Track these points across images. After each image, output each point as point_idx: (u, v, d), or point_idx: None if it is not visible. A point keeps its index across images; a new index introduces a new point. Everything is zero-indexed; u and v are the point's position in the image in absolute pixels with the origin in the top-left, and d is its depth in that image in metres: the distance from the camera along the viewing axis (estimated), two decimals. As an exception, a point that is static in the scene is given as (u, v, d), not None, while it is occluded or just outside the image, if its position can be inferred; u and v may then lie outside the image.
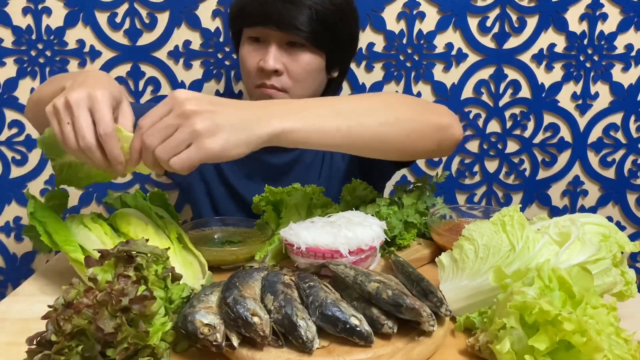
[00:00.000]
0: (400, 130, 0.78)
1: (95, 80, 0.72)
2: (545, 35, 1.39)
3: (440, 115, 0.85)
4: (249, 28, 1.03)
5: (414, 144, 0.81)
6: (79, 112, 0.68)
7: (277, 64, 1.00)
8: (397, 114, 0.79)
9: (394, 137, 0.78)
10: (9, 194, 1.42)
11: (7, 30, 1.32)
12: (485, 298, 0.64)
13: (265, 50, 1.01)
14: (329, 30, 1.01)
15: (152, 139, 0.66)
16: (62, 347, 0.53)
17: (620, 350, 0.52)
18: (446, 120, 0.84)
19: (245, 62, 1.04)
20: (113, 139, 0.68)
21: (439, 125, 0.83)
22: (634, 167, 1.49)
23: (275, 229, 0.91)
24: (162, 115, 0.66)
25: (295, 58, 1.02)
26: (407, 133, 0.79)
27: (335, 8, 1.01)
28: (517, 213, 0.69)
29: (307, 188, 0.92)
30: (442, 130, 0.84)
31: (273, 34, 1.00)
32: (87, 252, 0.75)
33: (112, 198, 0.92)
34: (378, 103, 0.80)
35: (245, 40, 1.05)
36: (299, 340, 0.56)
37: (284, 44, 1.01)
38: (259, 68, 1.01)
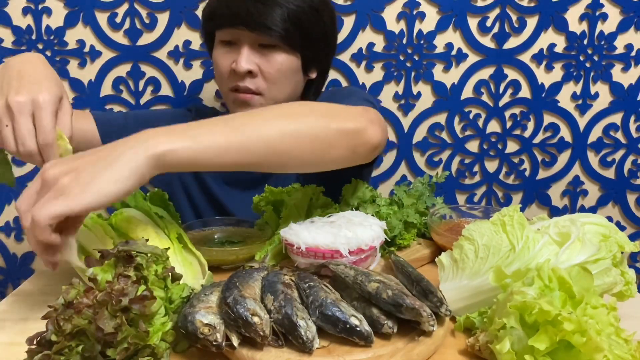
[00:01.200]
0: (304, 140, 0.72)
1: (35, 76, 0.69)
2: (545, 35, 1.39)
3: (351, 121, 0.77)
4: (220, 31, 1.01)
5: (322, 153, 0.74)
6: (20, 118, 0.66)
7: (250, 65, 0.98)
8: (298, 124, 0.73)
9: (299, 148, 0.72)
10: (9, 194, 1.42)
11: (7, 30, 1.32)
12: (485, 298, 0.64)
13: (237, 52, 0.99)
14: (302, 29, 0.98)
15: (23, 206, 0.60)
16: (62, 347, 0.53)
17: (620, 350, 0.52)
18: (358, 124, 0.77)
19: (218, 65, 1.02)
20: (53, 149, 0.67)
21: (349, 131, 0.76)
22: (633, 167, 1.49)
23: (275, 229, 0.91)
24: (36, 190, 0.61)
25: (269, 59, 0.99)
26: (312, 143, 0.73)
27: (308, 6, 0.99)
28: (517, 213, 0.69)
29: (307, 188, 0.92)
30: (353, 136, 0.77)
31: (244, 35, 0.97)
32: (87, 252, 0.75)
33: (112, 198, 0.92)
34: (277, 115, 0.74)
35: (218, 44, 1.03)
36: (299, 340, 0.56)
37: (256, 45, 0.99)
38: (232, 70, 0.99)
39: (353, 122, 0.78)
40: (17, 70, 0.69)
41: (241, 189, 1.12)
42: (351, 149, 0.77)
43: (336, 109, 0.80)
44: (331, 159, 0.77)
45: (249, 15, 0.94)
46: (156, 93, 1.38)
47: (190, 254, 0.79)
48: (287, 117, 0.74)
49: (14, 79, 0.69)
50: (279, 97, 1.03)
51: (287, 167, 0.75)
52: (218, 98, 1.39)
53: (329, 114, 0.77)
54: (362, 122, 0.78)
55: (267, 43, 0.98)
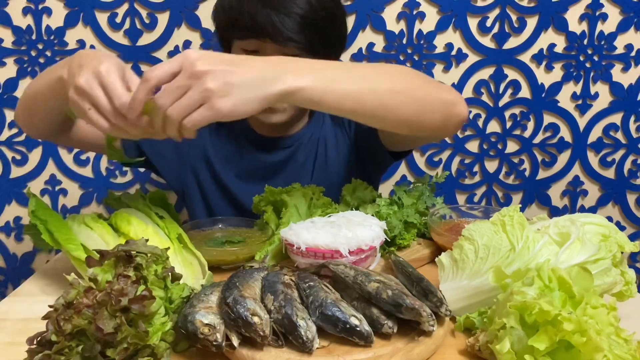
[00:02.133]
0: (410, 100, 0.78)
1: (92, 57, 0.70)
2: (545, 35, 1.39)
3: (447, 92, 0.84)
4: (242, 40, 0.99)
5: (421, 116, 0.80)
6: (95, 92, 0.66)
7: None
8: (407, 84, 0.79)
9: (403, 107, 0.77)
10: (9, 194, 1.42)
11: (7, 30, 1.32)
12: (485, 298, 0.64)
13: None
14: (322, 37, 0.98)
15: (163, 100, 0.64)
16: (62, 347, 0.53)
17: (620, 350, 0.52)
18: (454, 97, 0.84)
19: None
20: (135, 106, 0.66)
21: (446, 101, 0.82)
22: (633, 167, 1.49)
23: (275, 229, 0.91)
24: (171, 72, 0.65)
25: None
26: (416, 104, 0.78)
27: (326, 12, 0.98)
28: (517, 213, 0.69)
29: (307, 188, 0.92)
30: (449, 106, 0.83)
31: (268, 46, 0.96)
32: (88, 251, 0.75)
33: (112, 198, 0.92)
34: (389, 72, 0.80)
35: (238, 51, 1.01)
36: (299, 340, 0.56)
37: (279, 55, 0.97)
38: None
39: (450, 93, 0.84)
40: (78, 63, 0.70)
41: (256, 183, 1.12)
42: (445, 118, 0.83)
43: (435, 81, 0.87)
44: (427, 123, 0.81)
45: (275, 29, 0.93)
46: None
47: (190, 254, 0.79)
48: (399, 76, 0.80)
49: (76, 69, 0.70)
50: None
51: (387, 122, 0.80)
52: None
53: (431, 82, 0.84)
54: (456, 95, 0.85)
55: (291, 54, 0.97)
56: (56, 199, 1.43)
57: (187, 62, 0.64)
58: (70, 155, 1.41)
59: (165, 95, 0.64)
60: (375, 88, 0.75)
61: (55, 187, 1.42)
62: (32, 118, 0.91)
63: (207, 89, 0.63)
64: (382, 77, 0.77)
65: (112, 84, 0.66)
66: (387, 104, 0.76)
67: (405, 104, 0.77)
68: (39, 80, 0.85)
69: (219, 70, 0.64)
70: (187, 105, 0.64)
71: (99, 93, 0.66)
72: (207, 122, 0.65)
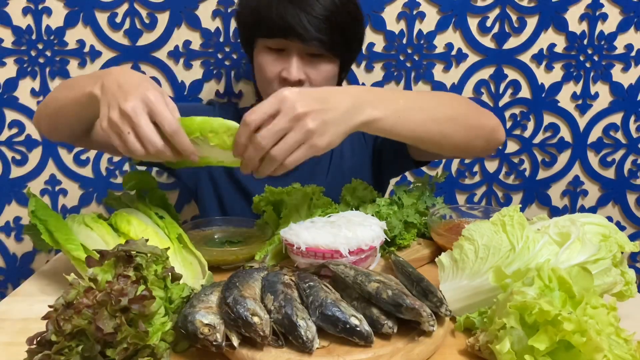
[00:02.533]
0: (463, 128, 0.84)
1: (134, 81, 0.72)
2: (545, 35, 1.39)
3: (489, 118, 0.91)
4: (268, 39, 1.01)
5: (469, 141, 0.87)
6: (139, 119, 0.68)
7: (300, 74, 1.00)
8: (461, 112, 0.86)
9: (457, 134, 0.84)
10: (9, 194, 1.42)
11: (7, 30, 1.32)
12: (485, 298, 0.64)
13: (286, 60, 1.01)
14: (345, 37, 1.02)
15: (267, 141, 0.68)
16: (62, 347, 0.53)
17: (620, 350, 0.52)
18: (495, 123, 0.91)
19: (264, 71, 1.03)
20: (182, 134, 0.69)
21: (491, 127, 0.90)
22: (634, 167, 1.49)
23: (275, 229, 0.91)
24: (270, 114, 0.68)
25: (316, 67, 1.02)
26: (467, 131, 0.85)
27: (349, 14, 1.02)
28: (517, 213, 0.69)
29: (307, 188, 0.92)
30: (493, 132, 0.90)
31: (294, 46, 0.99)
32: (88, 251, 0.75)
33: (112, 198, 0.92)
34: (446, 101, 0.87)
35: (263, 49, 1.03)
36: (299, 340, 0.56)
37: (304, 54, 1.01)
38: (282, 78, 1.01)
39: (492, 120, 0.91)
40: (116, 82, 0.72)
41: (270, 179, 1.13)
42: (487, 142, 0.90)
43: (478, 106, 0.93)
44: (473, 148, 0.89)
45: (304, 28, 0.96)
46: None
47: (190, 254, 0.79)
48: (453, 104, 0.87)
49: (116, 90, 0.71)
50: None
51: (443, 148, 0.87)
52: (219, 98, 1.39)
53: (478, 109, 0.91)
54: (498, 122, 0.92)
55: (316, 53, 1.01)
56: (56, 199, 1.43)
57: (287, 105, 0.68)
58: (70, 155, 1.41)
59: (268, 137, 0.68)
60: (437, 117, 0.81)
61: (55, 187, 1.42)
62: (57, 125, 0.91)
63: (309, 130, 0.68)
64: (442, 106, 0.84)
65: (162, 112, 0.69)
66: (446, 132, 0.82)
67: (459, 132, 0.84)
68: (64, 92, 0.86)
69: (315, 111, 0.69)
70: (291, 146, 0.69)
71: (143, 121, 0.68)
72: (306, 158, 0.70)
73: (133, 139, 0.69)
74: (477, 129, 0.87)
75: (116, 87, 0.72)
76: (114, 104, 0.70)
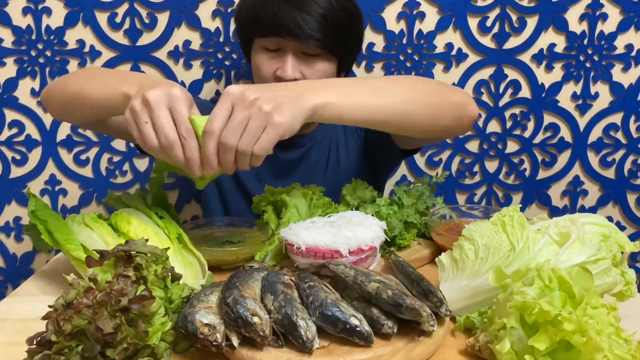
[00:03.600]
0: (424, 106, 0.83)
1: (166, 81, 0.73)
2: (545, 35, 1.39)
3: (457, 94, 0.89)
4: (264, 38, 1.02)
5: (434, 120, 0.85)
6: (159, 110, 0.68)
7: (296, 73, 1.00)
8: (420, 92, 0.84)
9: (418, 113, 0.82)
10: (9, 194, 1.42)
11: (7, 30, 1.32)
12: (485, 298, 0.64)
13: (281, 59, 1.01)
14: (342, 37, 1.01)
15: (231, 138, 0.67)
16: (62, 347, 0.53)
17: (620, 350, 0.52)
18: (463, 98, 0.88)
19: (261, 70, 1.03)
20: (193, 140, 0.69)
21: (456, 103, 0.87)
22: (634, 167, 1.49)
23: (275, 229, 0.91)
24: (228, 114, 0.68)
25: (312, 66, 1.02)
26: (430, 109, 0.83)
27: (346, 13, 1.01)
28: (517, 213, 0.69)
29: (307, 188, 0.92)
30: (459, 107, 0.87)
31: (289, 44, 0.99)
32: (88, 251, 0.75)
33: (112, 198, 0.92)
34: (402, 82, 0.86)
35: (259, 49, 1.04)
36: (299, 340, 0.56)
37: (299, 53, 1.01)
38: (277, 77, 1.01)
39: (459, 95, 0.89)
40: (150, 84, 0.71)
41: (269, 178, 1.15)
42: (457, 119, 0.88)
43: (443, 84, 0.92)
44: (441, 126, 0.87)
45: (298, 27, 0.96)
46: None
47: (190, 254, 0.79)
48: (410, 86, 0.85)
49: (143, 82, 0.72)
50: None
51: (405, 129, 0.85)
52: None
53: (441, 86, 0.89)
54: (465, 96, 0.90)
55: (312, 52, 1.01)
56: (56, 199, 1.43)
57: (236, 97, 0.68)
58: (70, 155, 1.41)
59: (231, 135, 0.67)
60: (392, 100, 0.80)
61: (55, 187, 1.42)
62: (73, 112, 0.90)
63: (266, 112, 0.67)
64: (397, 88, 0.82)
65: (181, 109, 0.68)
66: (405, 113, 0.81)
67: (421, 111, 0.82)
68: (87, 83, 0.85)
69: (265, 95, 0.68)
70: (255, 133, 0.68)
71: (163, 113, 0.68)
72: (274, 142, 0.69)
73: (148, 129, 0.68)
74: (441, 106, 0.85)
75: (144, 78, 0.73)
76: (140, 93, 0.70)
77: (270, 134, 0.68)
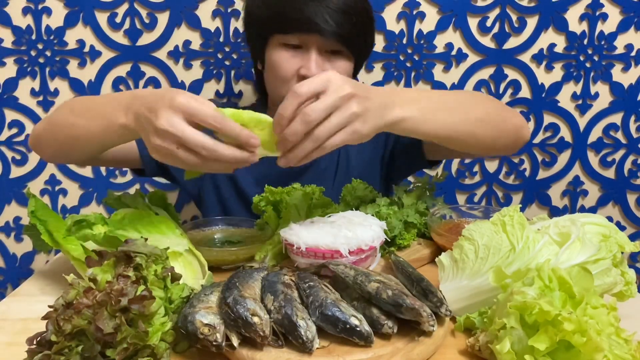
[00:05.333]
0: (490, 127, 0.83)
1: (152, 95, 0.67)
2: (545, 35, 1.39)
3: (516, 117, 0.90)
4: (286, 34, 0.98)
5: (497, 140, 0.85)
6: (178, 129, 0.63)
7: (319, 71, 0.95)
8: (489, 112, 0.84)
9: (484, 133, 0.82)
10: (9, 194, 1.42)
11: (7, 30, 1.32)
12: (485, 298, 0.64)
13: (304, 57, 0.97)
14: (360, 31, 0.99)
15: (316, 114, 0.64)
16: (62, 347, 0.53)
17: (620, 350, 0.52)
18: (522, 121, 0.90)
19: (280, 69, 0.99)
20: (229, 120, 0.64)
21: (516, 125, 0.88)
22: (634, 167, 1.49)
23: (275, 229, 0.90)
24: (317, 91, 0.65)
25: (334, 64, 0.99)
26: (495, 130, 0.84)
27: (363, 9, 1.00)
28: (517, 213, 0.69)
29: (307, 188, 0.92)
30: (518, 130, 0.89)
31: (314, 41, 0.96)
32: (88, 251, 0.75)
33: (112, 198, 0.92)
34: (475, 101, 0.86)
35: (278, 46, 0.99)
36: (299, 340, 0.56)
37: (323, 51, 0.98)
38: (300, 76, 0.97)
39: (519, 118, 0.90)
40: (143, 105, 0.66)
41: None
42: (513, 141, 0.89)
43: (505, 106, 0.93)
44: (500, 146, 0.88)
45: (325, 22, 0.93)
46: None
47: (190, 254, 0.79)
48: (482, 104, 0.85)
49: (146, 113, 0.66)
50: None
51: (470, 147, 0.84)
52: (219, 98, 1.39)
53: (504, 108, 0.90)
54: (523, 120, 0.91)
55: (335, 49, 0.98)
56: (56, 199, 1.43)
57: (334, 85, 0.65)
58: (70, 155, 1.41)
59: (318, 110, 0.64)
60: (466, 118, 0.80)
61: (55, 187, 1.42)
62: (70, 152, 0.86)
63: (354, 113, 0.65)
64: (470, 106, 0.83)
65: (198, 109, 0.63)
66: (475, 132, 0.81)
67: (487, 131, 0.83)
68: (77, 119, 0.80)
69: (360, 96, 0.66)
70: (335, 127, 0.65)
71: (184, 127, 0.63)
72: (343, 144, 0.67)
73: (184, 153, 0.64)
74: (504, 128, 0.86)
75: (145, 109, 0.66)
76: (150, 128, 0.65)
77: (345, 137, 0.66)
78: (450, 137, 0.79)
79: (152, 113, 0.64)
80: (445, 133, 0.77)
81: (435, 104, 0.77)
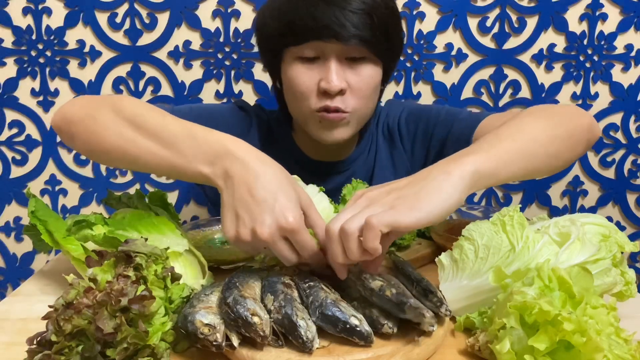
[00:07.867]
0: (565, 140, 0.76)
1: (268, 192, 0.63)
2: (545, 35, 1.39)
3: (584, 117, 0.82)
4: (300, 46, 0.88)
5: (573, 150, 0.78)
6: (276, 245, 0.63)
7: (342, 82, 0.88)
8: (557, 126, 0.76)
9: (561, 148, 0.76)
10: (9, 194, 1.42)
11: (7, 30, 1.32)
12: (485, 298, 0.64)
13: (323, 68, 0.89)
14: (385, 32, 0.89)
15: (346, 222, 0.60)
16: (62, 347, 0.53)
17: (620, 350, 0.52)
18: (590, 119, 0.83)
19: (299, 85, 0.90)
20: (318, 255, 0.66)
21: (586, 126, 0.81)
22: (633, 167, 1.49)
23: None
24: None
25: (358, 73, 0.90)
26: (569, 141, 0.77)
27: (389, 10, 0.91)
28: (517, 213, 0.69)
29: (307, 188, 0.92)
30: (589, 130, 0.81)
31: (331, 48, 0.87)
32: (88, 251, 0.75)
33: (112, 198, 0.92)
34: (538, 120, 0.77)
35: (295, 60, 0.90)
36: (299, 340, 0.56)
37: (343, 59, 0.89)
38: (321, 90, 0.89)
39: (586, 117, 0.82)
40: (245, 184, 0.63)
41: None
42: (587, 142, 0.81)
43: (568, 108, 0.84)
44: (576, 155, 0.80)
45: (341, 25, 0.84)
46: (156, 93, 1.38)
47: (190, 254, 0.79)
48: (546, 120, 0.76)
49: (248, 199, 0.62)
50: (364, 114, 0.96)
51: (553, 168, 0.77)
52: (218, 99, 1.39)
53: (569, 112, 0.81)
54: (590, 117, 0.83)
55: (357, 56, 0.89)
56: (56, 199, 1.43)
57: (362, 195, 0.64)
58: (70, 155, 1.41)
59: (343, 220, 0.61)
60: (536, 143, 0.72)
61: (55, 187, 1.42)
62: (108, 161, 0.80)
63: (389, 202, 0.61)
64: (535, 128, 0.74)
65: (300, 240, 0.63)
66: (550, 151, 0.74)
67: (563, 145, 0.76)
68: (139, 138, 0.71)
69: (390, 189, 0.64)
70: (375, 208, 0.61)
71: (282, 245, 0.63)
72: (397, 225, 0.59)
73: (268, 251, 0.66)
74: (577, 134, 0.78)
75: (246, 191, 0.62)
76: (245, 219, 0.62)
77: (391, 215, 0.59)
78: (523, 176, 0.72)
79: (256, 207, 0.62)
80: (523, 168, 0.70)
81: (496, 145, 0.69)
